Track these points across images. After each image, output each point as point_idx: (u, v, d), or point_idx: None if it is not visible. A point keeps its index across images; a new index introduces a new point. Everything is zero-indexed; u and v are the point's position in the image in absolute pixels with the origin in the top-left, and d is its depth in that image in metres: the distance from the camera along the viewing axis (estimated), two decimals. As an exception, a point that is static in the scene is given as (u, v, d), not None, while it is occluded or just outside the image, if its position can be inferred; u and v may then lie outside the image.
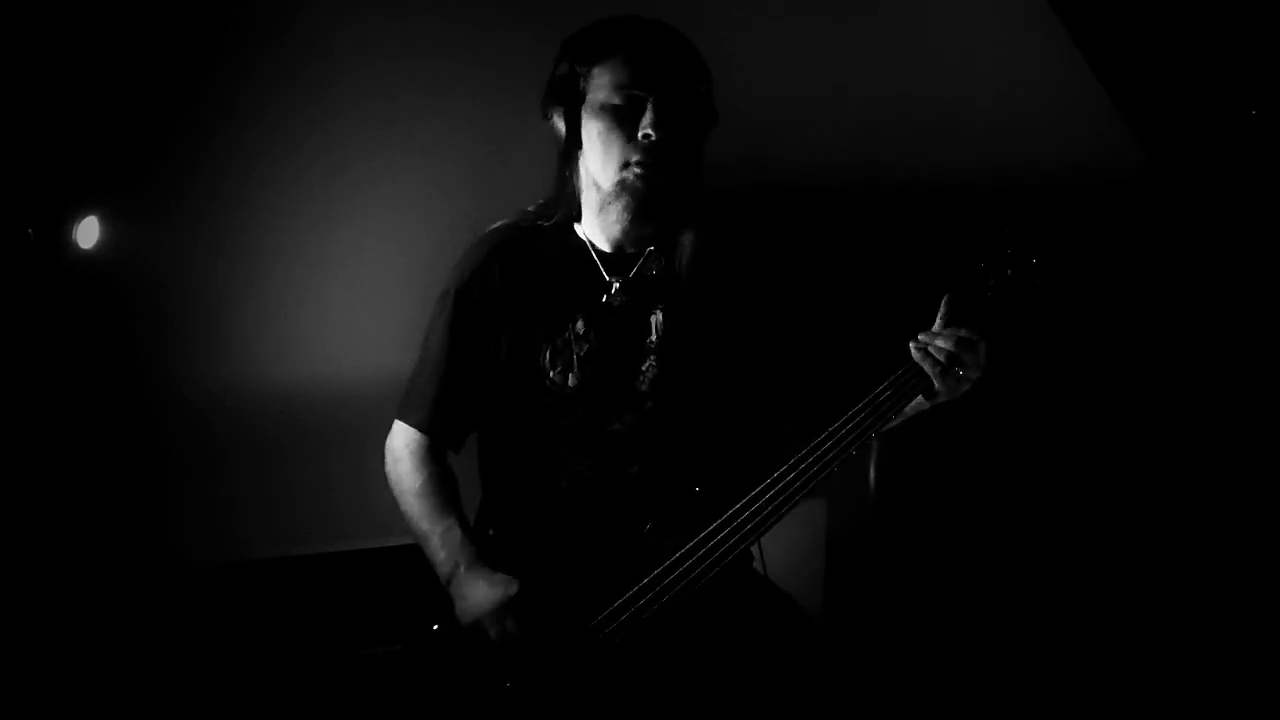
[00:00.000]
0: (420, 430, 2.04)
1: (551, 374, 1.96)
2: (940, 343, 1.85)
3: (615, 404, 1.96)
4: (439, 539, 1.96)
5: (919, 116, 3.03)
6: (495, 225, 2.05)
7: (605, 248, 2.01)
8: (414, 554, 2.02)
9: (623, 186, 1.92)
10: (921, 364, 1.85)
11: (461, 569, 1.91)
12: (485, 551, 1.94)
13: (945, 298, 1.89)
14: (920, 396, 1.90)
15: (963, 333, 1.85)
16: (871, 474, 3.26)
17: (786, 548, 2.35)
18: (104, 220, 2.40)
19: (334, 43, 2.59)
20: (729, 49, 2.85)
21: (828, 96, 3.03)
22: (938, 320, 1.89)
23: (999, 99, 3.02)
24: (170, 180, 2.51)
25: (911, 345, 1.87)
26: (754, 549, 2.00)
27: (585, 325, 1.97)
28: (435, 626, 1.93)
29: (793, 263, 2.08)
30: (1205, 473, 3.03)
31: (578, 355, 1.96)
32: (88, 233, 2.38)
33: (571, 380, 1.96)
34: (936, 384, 1.86)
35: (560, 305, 1.98)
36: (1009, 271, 1.90)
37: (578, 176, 2.00)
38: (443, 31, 2.69)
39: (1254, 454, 2.99)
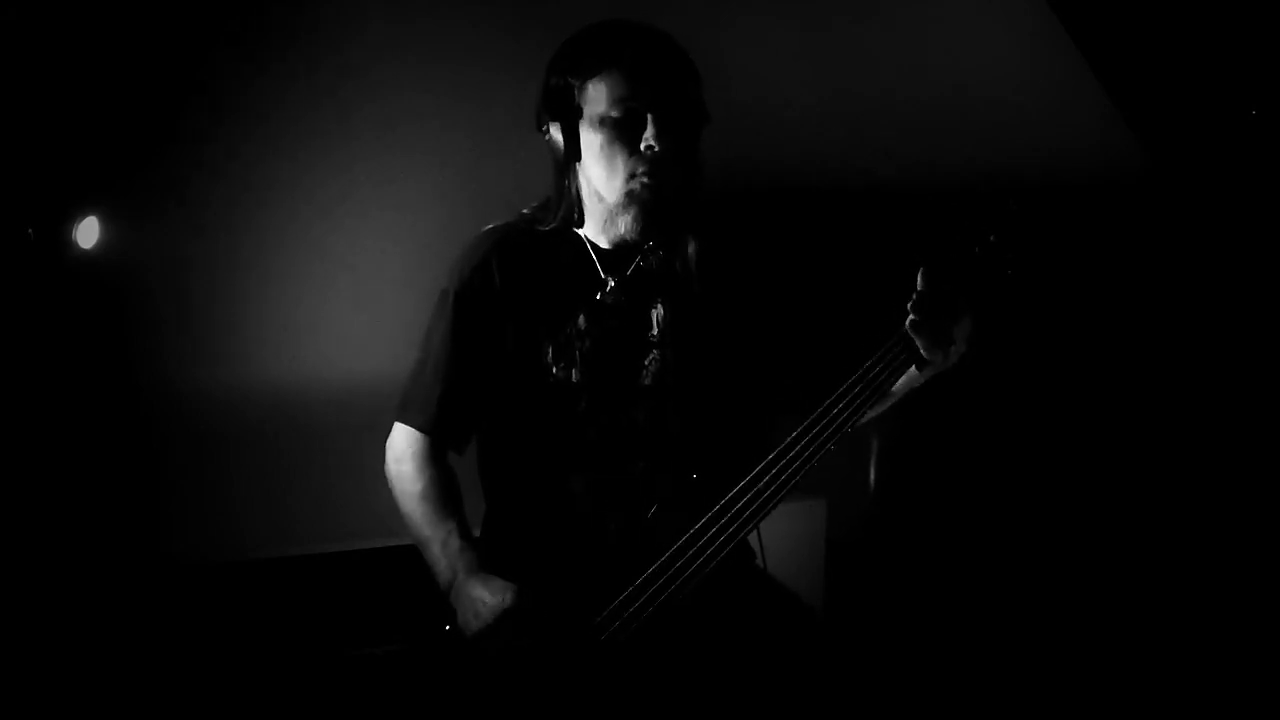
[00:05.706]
0: (423, 431, 2.01)
1: (555, 370, 1.96)
2: (922, 305, 1.84)
3: (620, 399, 1.96)
4: (439, 546, 1.94)
5: (919, 116, 3.03)
6: (491, 225, 2.05)
7: (605, 246, 2.01)
8: (414, 554, 2.01)
9: (631, 198, 1.92)
10: (909, 331, 1.84)
11: (460, 577, 1.89)
12: (489, 558, 1.92)
13: (920, 270, 1.88)
14: (914, 368, 1.89)
15: (942, 289, 1.85)
16: (871, 474, 3.27)
17: (786, 548, 2.35)
18: (104, 220, 2.40)
19: (335, 45, 2.60)
20: (730, 49, 2.86)
21: (828, 96, 3.04)
22: (916, 291, 1.88)
23: (999, 99, 3.03)
24: (171, 180, 2.51)
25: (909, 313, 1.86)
26: (756, 546, 2.00)
27: (587, 321, 1.97)
28: (448, 627, 1.90)
29: (789, 255, 2.09)
30: (1203, 471, 3.03)
31: (580, 351, 1.96)
32: (88, 233, 2.38)
33: (575, 376, 1.95)
34: (924, 351, 1.85)
35: (561, 302, 1.98)
36: (976, 249, 1.90)
37: (578, 185, 2.00)
38: (443, 33, 2.69)
39: (1252, 452, 3.00)
